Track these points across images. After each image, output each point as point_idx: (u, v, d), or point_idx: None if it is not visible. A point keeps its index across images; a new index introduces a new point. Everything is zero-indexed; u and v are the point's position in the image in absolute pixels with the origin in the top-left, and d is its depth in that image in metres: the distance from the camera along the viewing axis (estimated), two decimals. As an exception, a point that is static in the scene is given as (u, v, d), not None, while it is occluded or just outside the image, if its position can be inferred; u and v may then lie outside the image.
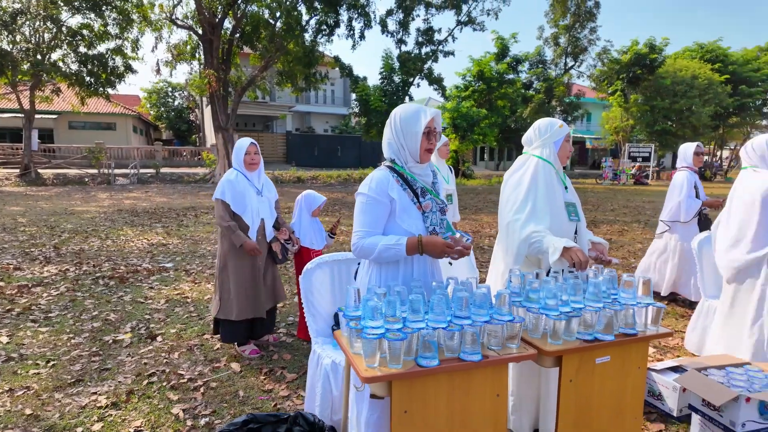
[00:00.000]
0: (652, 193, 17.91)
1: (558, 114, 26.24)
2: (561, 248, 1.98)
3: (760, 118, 30.06)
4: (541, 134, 2.34)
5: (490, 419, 1.58)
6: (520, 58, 25.68)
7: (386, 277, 1.82)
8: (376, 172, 1.84)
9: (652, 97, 25.16)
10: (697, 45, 29.74)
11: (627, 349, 1.75)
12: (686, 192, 4.00)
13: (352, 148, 30.20)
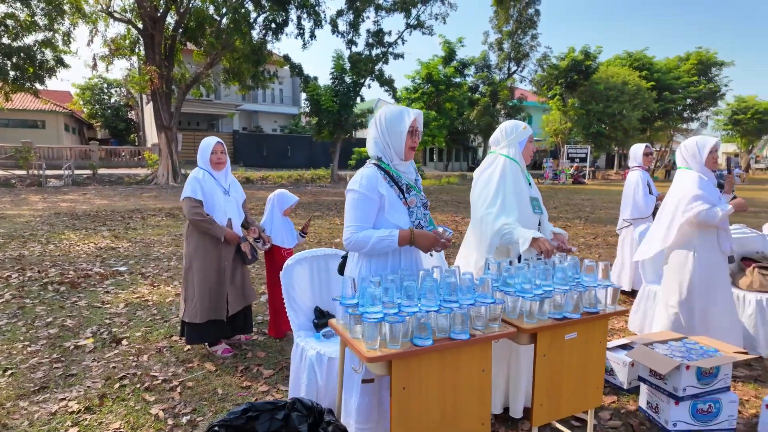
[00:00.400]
0: (589, 192, 19.14)
1: (502, 117, 27.32)
2: (530, 239, 2.19)
3: (681, 122, 32.87)
4: (508, 135, 2.55)
5: (477, 392, 1.74)
6: (467, 62, 26.55)
7: (376, 268, 1.94)
8: (364, 169, 1.96)
9: (587, 102, 26.83)
10: (626, 53, 32.04)
11: (591, 326, 1.98)
12: (642, 190, 4.42)
13: (303, 149, 29.90)
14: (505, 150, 2.54)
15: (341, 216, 10.65)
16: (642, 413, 2.59)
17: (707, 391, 2.38)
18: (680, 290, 3.05)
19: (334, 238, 7.78)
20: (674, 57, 32.56)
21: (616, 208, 12.82)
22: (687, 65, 31.39)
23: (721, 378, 2.41)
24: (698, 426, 2.40)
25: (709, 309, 2.99)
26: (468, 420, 1.73)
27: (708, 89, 30.83)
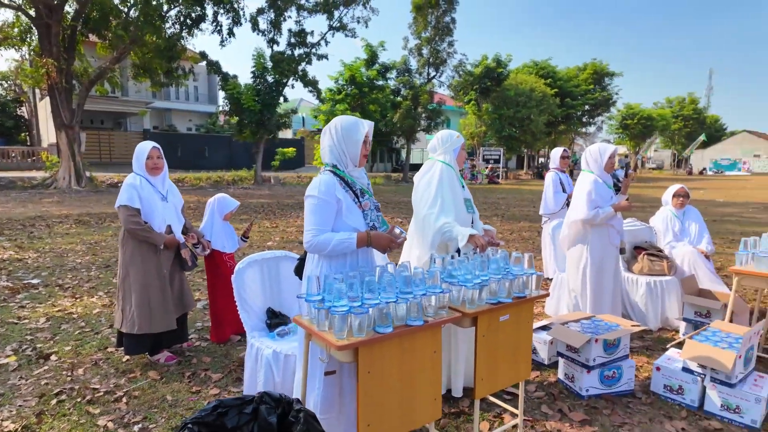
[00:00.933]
0: (503, 191, 20.55)
1: (423, 120, 28.35)
2: (467, 235, 2.48)
3: (581, 126, 36.31)
4: (443, 143, 2.84)
5: (430, 371, 1.97)
6: (389, 65, 27.17)
7: (336, 267, 2.11)
8: (322, 176, 2.11)
9: (499, 107, 28.70)
10: (533, 62, 34.73)
11: (520, 308, 2.30)
12: (552, 189, 4.98)
13: (222, 149, 28.74)
14: (442, 156, 2.82)
15: (270, 219, 10.53)
16: (561, 383, 3.00)
17: (611, 359, 2.84)
18: (578, 277, 3.55)
19: (266, 242, 7.73)
20: (574, 67, 35.92)
21: (528, 206, 14.02)
22: (584, 74, 34.77)
23: (622, 348, 2.88)
24: (605, 389, 2.85)
25: (599, 293, 3.51)
26: (423, 397, 1.96)
27: (602, 97, 34.43)
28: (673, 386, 2.79)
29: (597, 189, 3.41)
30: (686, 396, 2.74)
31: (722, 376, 2.61)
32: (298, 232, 8.81)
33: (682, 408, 2.72)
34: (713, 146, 51.83)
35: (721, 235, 8.44)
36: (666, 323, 3.99)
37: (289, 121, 23.25)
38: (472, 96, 29.45)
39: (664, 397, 2.83)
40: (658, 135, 43.73)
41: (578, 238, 3.49)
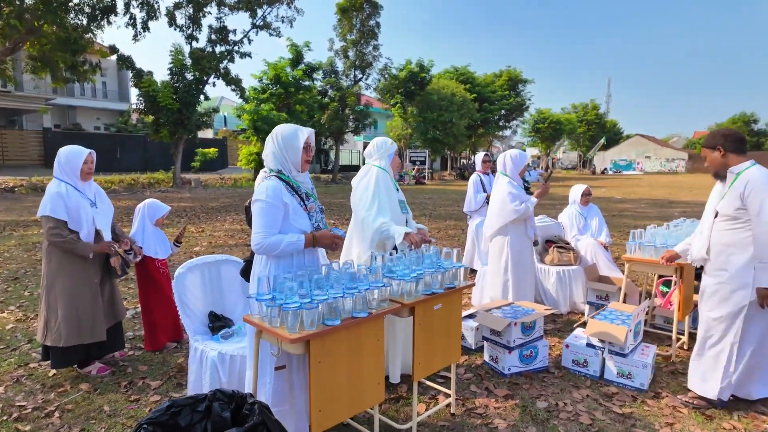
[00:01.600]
0: (430, 191, 21.35)
1: (351, 121, 28.59)
2: (403, 233, 2.71)
3: (498, 129, 38.57)
4: (379, 149, 3.05)
5: (374, 358, 2.17)
6: (315, 66, 27.08)
7: (283, 267, 2.23)
8: (269, 181, 2.22)
9: (424, 110, 29.72)
10: (453, 68, 36.29)
11: (451, 298, 2.57)
12: (473, 190, 5.38)
13: (136, 150, 26.88)
14: (378, 162, 3.03)
15: (195, 223, 10.15)
16: (486, 365, 3.34)
17: (529, 340, 3.22)
18: (499, 268, 3.95)
19: (193, 247, 7.50)
20: (491, 73, 38.07)
21: (453, 205, 14.73)
22: (500, 81, 36.99)
23: (537, 330, 3.27)
24: (524, 367, 3.22)
25: (518, 282, 3.92)
26: (368, 382, 2.15)
27: (516, 102, 36.84)
28: (580, 360, 3.23)
29: (515, 187, 3.82)
30: (590, 368, 3.19)
31: (617, 348, 3.07)
32: (226, 236, 8.62)
33: (587, 378, 3.16)
34: (612, 148, 57.46)
35: (619, 229, 9.52)
36: (573, 307, 4.52)
37: (211, 121, 22.37)
38: (398, 99, 30.20)
39: (572, 371, 3.26)
40: (566, 138, 47.67)
41: (500, 232, 3.87)
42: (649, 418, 2.68)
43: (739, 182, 2.56)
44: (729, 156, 2.64)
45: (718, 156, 2.67)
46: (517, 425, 2.60)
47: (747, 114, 56.33)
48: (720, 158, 2.66)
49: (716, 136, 2.70)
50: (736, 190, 2.56)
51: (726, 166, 2.66)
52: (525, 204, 3.76)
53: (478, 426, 2.60)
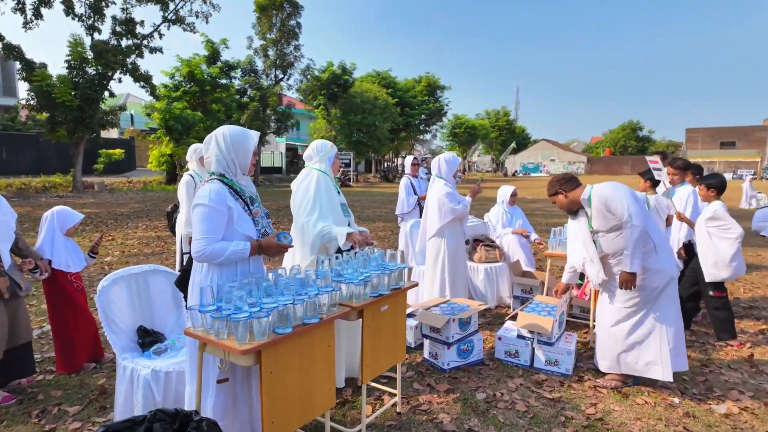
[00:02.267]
0: (356, 193, 21.42)
1: (273, 122, 27.84)
2: (345, 234, 2.72)
3: (419, 133, 39.71)
4: (319, 152, 3.02)
5: (325, 363, 2.14)
6: (233, 64, 26.03)
7: (227, 275, 2.12)
8: (212, 185, 2.11)
9: (347, 113, 29.77)
10: (375, 72, 36.77)
11: (396, 299, 2.61)
12: (404, 192, 5.47)
13: (27, 150, 23.97)
14: (318, 165, 3.00)
15: (103, 231, 9.29)
16: (427, 362, 3.43)
17: (465, 335, 3.36)
18: (436, 268, 4.09)
19: (103, 257, 6.86)
20: (411, 79, 39.09)
21: (380, 207, 14.93)
22: (420, 86, 38.11)
23: (473, 324, 3.43)
24: (462, 362, 3.36)
25: (453, 280, 4.10)
26: (320, 388, 2.12)
27: (436, 107, 38.18)
28: (511, 351, 3.44)
29: (452, 188, 3.98)
30: (521, 358, 3.40)
31: (545, 338, 3.31)
32: (140, 244, 7.99)
33: (519, 368, 3.38)
34: (521, 152, 61.67)
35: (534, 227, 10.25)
36: (500, 301, 4.80)
37: (116, 119, 20.59)
38: (321, 101, 29.96)
39: (505, 362, 3.46)
40: (480, 142, 50.31)
41: (437, 234, 4.00)
42: (575, 400, 2.93)
43: (594, 204, 2.97)
44: (569, 193, 3.09)
45: (564, 199, 3.14)
46: (460, 418, 2.71)
47: (634, 122, 63.28)
48: (566, 200, 3.13)
49: (554, 185, 3.17)
50: (597, 210, 2.96)
51: (573, 203, 3.10)
52: (462, 204, 3.93)
53: (424, 422, 2.66)
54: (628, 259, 2.85)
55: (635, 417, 2.73)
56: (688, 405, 2.87)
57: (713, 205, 3.77)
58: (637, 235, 2.80)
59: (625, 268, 2.87)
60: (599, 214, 2.97)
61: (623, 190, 2.90)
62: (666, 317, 2.94)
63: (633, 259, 2.83)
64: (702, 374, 3.28)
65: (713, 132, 55.92)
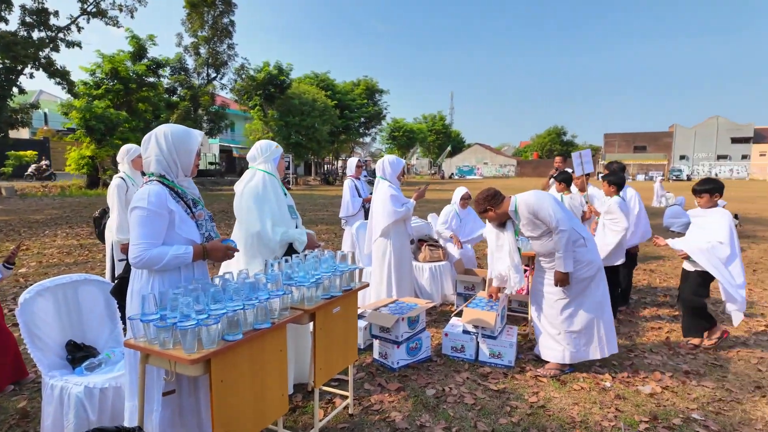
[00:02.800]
0: (296, 196, 20.99)
1: (205, 123, 26.72)
2: (305, 240, 2.70)
3: (359, 136, 39.81)
4: (264, 153, 2.94)
5: (277, 369, 2.09)
6: (161, 62, 24.67)
7: (170, 282, 2.01)
8: (151, 186, 1.98)
9: (285, 114, 29.21)
10: (313, 73, 36.38)
11: (348, 300, 2.60)
12: (350, 194, 5.46)
13: None
14: (263, 166, 2.92)
15: (16, 240, 8.44)
16: (376, 362, 3.45)
17: (414, 333, 3.42)
18: (383, 268, 4.13)
19: (18, 269, 6.23)
20: (349, 81, 39.11)
21: (322, 210, 14.79)
22: (359, 89, 38.24)
23: (421, 323, 3.50)
24: (411, 359, 3.41)
25: (400, 280, 4.16)
26: (273, 394, 2.06)
27: (375, 111, 38.47)
28: (457, 346, 3.54)
29: (396, 190, 4.03)
30: (467, 352, 3.52)
31: (488, 331, 3.45)
32: (60, 253, 7.35)
33: (465, 362, 3.48)
34: (457, 156, 63.74)
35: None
36: (445, 299, 4.93)
37: (28, 118, 18.83)
38: (256, 101, 29.17)
39: (452, 357, 3.56)
40: (419, 146, 51.40)
41: (383, 235, 4.04)
42: (519, 390, 3.07)
43: (522, 213, 3.19)
44: (497, 208, 3.30)
45: (494, 214, 3.33)
46: (412, 415, 2.75)
47: (559, 127, 67.51)
48: (495, 215, 3.33)
49: (481, 203, 3.35)
50: (526, 218, 3.19)
51: (503, 216, 3.31)
52: (406, 206, 3.99)
53: (376, 422, 2.67)
54: (561, 261, 3.07)
55: (573, 402, 2.92)
56: (618, 388, 3.10)
57: (611, 200, 4.15)
58: (567, 238, 3.04)
59: (560, 269, 3.09)
60: (528, 223, 3.19)
61: (546, 199, 3.13)
62: (598, 303, 3.20)
63: (566, 261, 3.07)
64: (629, 359, 3.57)
65: (627, 137, 61.03)
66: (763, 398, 2.97)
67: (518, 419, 2.71)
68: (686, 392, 3.04)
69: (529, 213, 3.15)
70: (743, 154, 55.83)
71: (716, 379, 3.22)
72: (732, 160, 56.17)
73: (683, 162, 57.60)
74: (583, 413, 2.79)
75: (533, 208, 3.12)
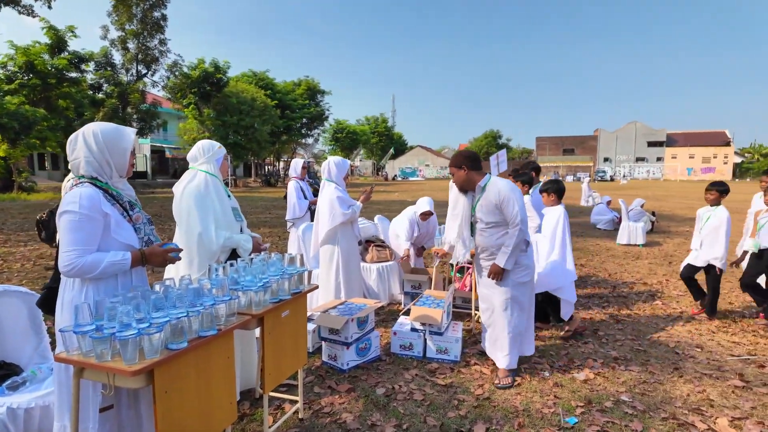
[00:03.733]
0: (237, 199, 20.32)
1: (135, 122, 25.21)
2: (251, 244, 2.63)
3: (301, 137, 39.23)
4: (205, 153, 2.84)
5: (225, 377, 2.02)
6: (84, 56, 23.00)
7: (106, 290, 1.88)
8: (82, 189, 1.85)
9: (222, 113, 28.20)
10: (251, 72, 35.42)
11: (297, 303, 2.57)
12: (295, 196, 5.35)
13: None
14: (205, 166, 2.81)
15: None
16: (325, 365, 3.42)
17: (363, 334, 3.43)
18: (331, 271, 4.11)
19: None
20: (290, 81, 38.47)
21: (264, 212, 14.44)
22: (300, 90, 37.72)
23: (370, 323, 3.51)
24: (361, 360, 3.42)
25: (348, 281, 4.16)
26: (220, 403, 1.99)
27: (317, 111, 38.11)
28: (406, 344, 3.60)
29: (342, 192, 4.02)
30: (415, 350, 3.58)
31: (435, 328, 3.53)
32: (-31, 264, 6.64)
33: (413, 360, 3.55)
34: (399, 158, 64.65)
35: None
36: (392, 298, 4.99)
37: None
38: (191, 99, 27.94)
39: (401, 355, 3.61)
40: (362, 147, 51.58)
41: (329, 237, 4.01)
42: (465, 384, 3.17)
43: (489, 195, 3.18)
44: (471, 173, 3.26)
45: (463, 174, 3.24)
46: (363, 415, 2.76)
47: (494, 130, 70.35)
48: (464, 176, 3.24)
49: (459, 158, 3.29)
50: (488, 201, 3.17)
51: (470, 181, 3.25)
52: (352, 208, 3.99)
53: (327, 425, 2.66)
54: (505, 256, 3.10)
55: (516, 393, 3.06)
56: (556, 376, 3.29)
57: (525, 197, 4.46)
58: (521, 238, 3.09)
59: (499, 263, 3.12)
60: (488, 207, 3.16)
61: (518, 194, 3.13)
62: (531, 305, 3.37)
63: (510, 257, 3.10)
64: (564, 348, 3.80)
65: (557, 140, 64.81)
66: (681, 378, 3.27)
67: (465, 412, 2.80)
68: (616, 377, 3.29)
69: (497, 199, 3.09)
70: (658, 156, 61.16)
71: (641, 363, 3.51)
72: (649, 162, 61.34)
73: (607, 164, 62.10)
74: (526, 402, 2.93)
75: (503, 197, 3.07)
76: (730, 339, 4.04)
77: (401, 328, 3.66)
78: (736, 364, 3.51)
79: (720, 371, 3.37)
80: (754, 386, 3.14)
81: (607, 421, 2.71)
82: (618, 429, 2.63)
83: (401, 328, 3.66)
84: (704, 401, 2.95)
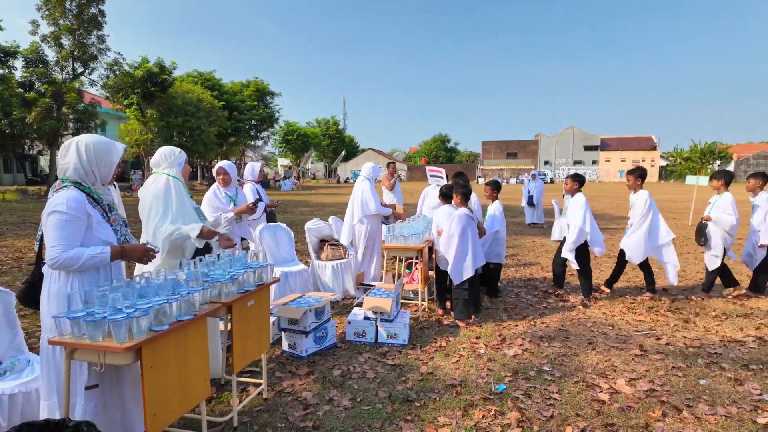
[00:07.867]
0: (181, 202, 19.85)
1: (72, 122, 23.90)
2: (198, 229, 2.84)
3: (250, 139, 38.61)
4: (168, 158, 3.07)
5: (200, 356, 2.29)
6: (10, 50, 21.63)
7: (89, 282, 2.11)
8: (69, 191, 2.07)
9: (166, 114, 27.30)
10: (197, 72, 34.47)
11: (261, 294, 2.86)
12: (252, 197, 5.55)
13: None
14: (168, 170, 3.04)
15: None
16: (285, 353, 3.72)
17: (320, 323, 3.75)
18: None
19: None
20: (238, 82, 37.78)
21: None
22: (248, 91, 37.14)
23: (327, 313, 3.84)
24: (318, 347, 3.74)
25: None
26: (196, 379, 2.26)
27: (266, 113, 37.65)
28: (359, 332, 3.96)
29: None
30: (367, 336, 3.95)
31: (386, 316, 3.92)
32: None
33: (366, 345, 3.91)
34: (351, 160, 64.95)
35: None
36: (346, 293, 5.33)
37: None
38: (133, 100, 26.84)
39: (355, 342, 3.96)
40: (313, 150, 51.40)
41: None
42: (412, 363, 3.57)
43: None
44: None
45: None
46: (322, 393, 3.09)
47: (443, 134, 72.30)
48: None
49: None
50: None
51: None
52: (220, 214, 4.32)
53: (290, 402, 2.97)
54: None
55: (455, 368, 3.50)
56: (490, 353, 3.77)
57: None
58: None
59: None
60: None
61: None
62: None
63: None
64: (498, 330, 4.30)
65: (501, 144, 67.56)
66: (593, 351, 3.85)
67: (411, 385, 3.20)
68: (540, 352, 3.81)
69: None
70: (593, 159, 65.25)
71: (561, 340, 4.07)
72: (585, 165, 65.29)
73: (547, 167, 65.49)
74: (463, 375, 3.38)
75: None
76: (636, 318, 4.72)
77: (355, 318, 4.02)
78: (638, 338, 4.15)
79: (625, 344, 3.99)
80: (650, 354, 3.76)
81: (530, 386, 3.20)
82: (538, 392, 3.12)
83: (355, 318, 4.02)
84: (609, 368, 3.52)
